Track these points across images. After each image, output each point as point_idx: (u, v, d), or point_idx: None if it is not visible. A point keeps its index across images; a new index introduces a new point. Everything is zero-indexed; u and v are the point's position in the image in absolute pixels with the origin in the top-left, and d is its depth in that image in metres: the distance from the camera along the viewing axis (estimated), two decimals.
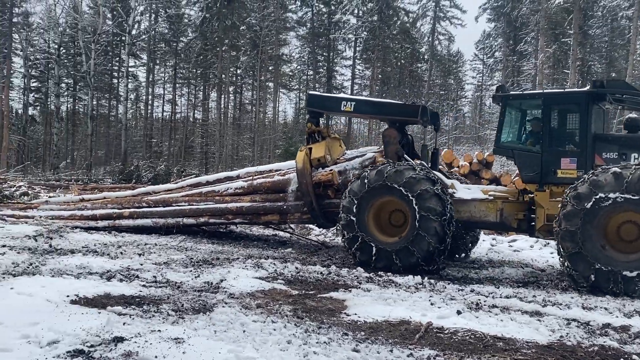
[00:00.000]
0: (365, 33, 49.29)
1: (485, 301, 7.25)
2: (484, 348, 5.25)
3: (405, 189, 9.35)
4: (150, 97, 56.54)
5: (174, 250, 10.77)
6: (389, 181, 9.50)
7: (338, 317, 6.20)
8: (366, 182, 9.73)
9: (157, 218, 13.29)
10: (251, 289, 7.39)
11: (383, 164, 10.03)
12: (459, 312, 6.46)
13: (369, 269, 9.31)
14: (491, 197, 9.96)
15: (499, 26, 52.36)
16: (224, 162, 42.97)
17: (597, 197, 8.05)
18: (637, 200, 7.88)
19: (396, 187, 9.42)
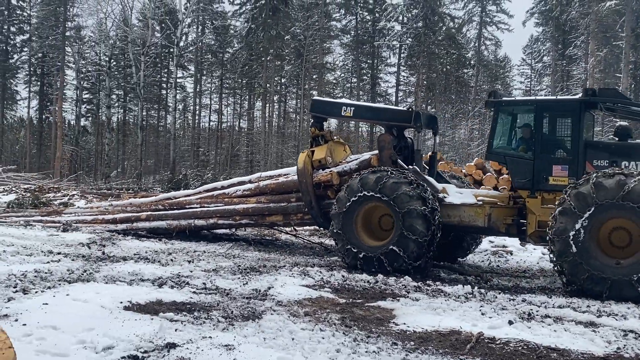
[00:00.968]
0: (410, 40, 48.99)
1: (537, 311, 7.07)
2: (537, 359, 5.13)
3: (382, 195, 9.67)
4: (197, 107, 57.49)
5: (222, 257, 10.90)
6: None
7: (387, 326, 6.15)
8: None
9: (170, 220, 13.79)
10: (298, 296, 7.41)
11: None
12: (510, 322, 6.32)
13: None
14: (480, 202, 10.00)
15: (547, 30, 51.22)
16: (269, 170, 43.23)
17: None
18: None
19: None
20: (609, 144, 10.16)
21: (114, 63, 50.05)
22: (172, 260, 10.12)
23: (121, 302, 6.37)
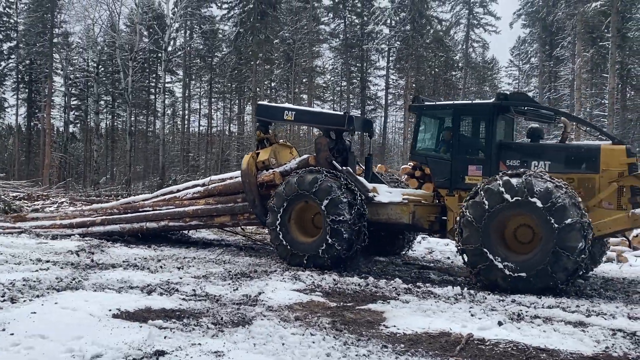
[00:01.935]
0: (399, 43, 49.18)
1: (527, 312, 7.12)
2: None
3: (309, 193, 10.46)
4: (186, 112, 57.47)
5: (212, 263, 10.86)
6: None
7: (377, 329, 6.16)
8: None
9: (124, 224, 13.90)
10: (289, 301, 7.40)
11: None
12: (500, 323, 6.35)
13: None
14: (405, 201, 10.53)
15: (534, 32, 51.63)
16: None
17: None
18: None
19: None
20: (521, 145, 10.73)
21: (102, 69, 49.89)
22: (161, 267, 10.06)
23: (110, 310, 6.33)
